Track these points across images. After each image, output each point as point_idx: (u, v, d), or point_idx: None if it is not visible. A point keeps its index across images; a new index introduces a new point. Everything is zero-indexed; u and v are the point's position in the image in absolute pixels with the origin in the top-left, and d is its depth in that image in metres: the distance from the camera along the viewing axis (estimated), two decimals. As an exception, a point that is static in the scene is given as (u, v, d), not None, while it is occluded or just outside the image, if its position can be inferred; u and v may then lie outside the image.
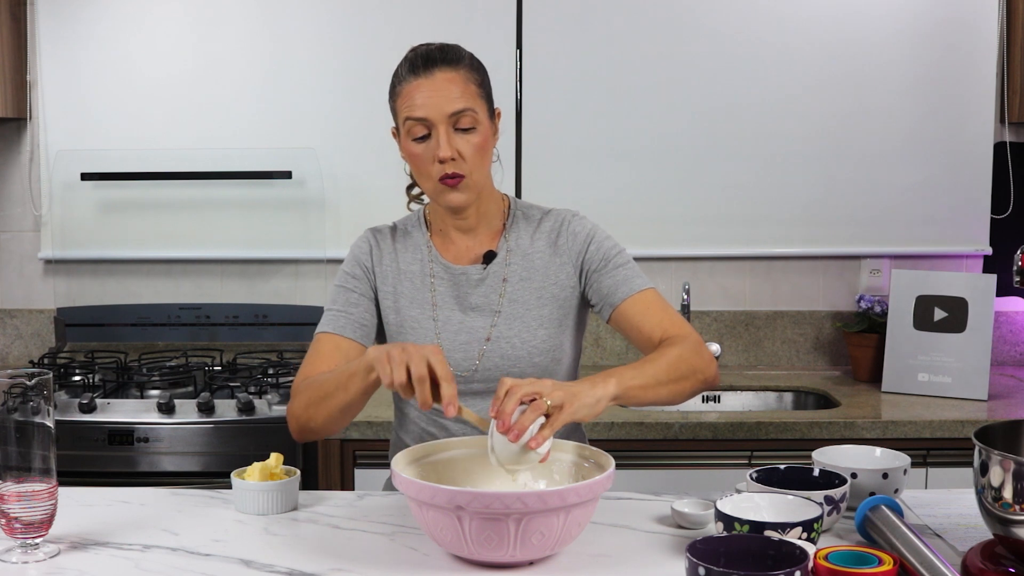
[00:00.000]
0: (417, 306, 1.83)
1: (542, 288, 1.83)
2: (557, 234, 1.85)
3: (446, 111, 1.70)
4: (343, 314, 1.82)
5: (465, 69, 1.74)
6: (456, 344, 1.81)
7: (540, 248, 1.85)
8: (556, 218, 1.87)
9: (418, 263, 1.86)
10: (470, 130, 1.72)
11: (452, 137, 1.71)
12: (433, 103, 1.71)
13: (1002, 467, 1.31)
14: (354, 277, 1.85)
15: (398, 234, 1.90)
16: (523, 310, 1.81)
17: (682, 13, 3.05)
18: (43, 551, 1.47)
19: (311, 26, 3.07)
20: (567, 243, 1.84)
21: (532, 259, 1.84)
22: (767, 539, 1.26)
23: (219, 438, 2.52)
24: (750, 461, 2.53)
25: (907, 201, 3.09)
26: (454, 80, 1.72)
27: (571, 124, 3.08)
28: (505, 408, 1.43)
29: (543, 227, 1.86)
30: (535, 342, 1.80)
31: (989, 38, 3.04)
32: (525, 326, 1.81)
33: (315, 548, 1.50)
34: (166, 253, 3.13)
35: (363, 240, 1.90)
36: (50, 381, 1.46)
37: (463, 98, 1.71)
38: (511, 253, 1.85)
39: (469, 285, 1.83)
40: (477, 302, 1.82)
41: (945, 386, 2.79)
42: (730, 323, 3.15)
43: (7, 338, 3.19)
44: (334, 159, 3.08)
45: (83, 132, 3.10)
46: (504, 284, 1.83)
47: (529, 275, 1.83)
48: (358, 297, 1.84)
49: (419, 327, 1.82)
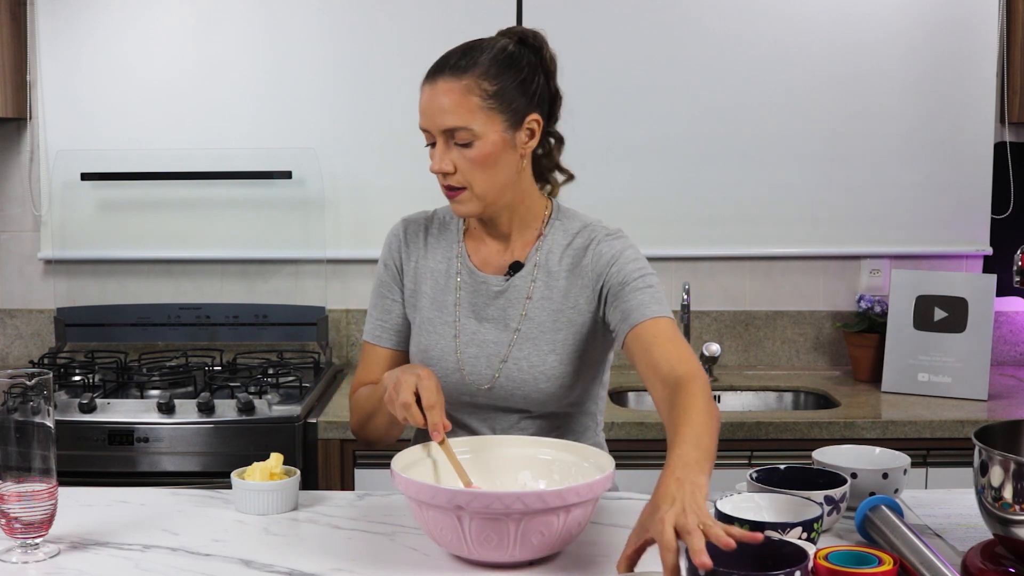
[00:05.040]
0: (437, 308, 1.78)
1: (559, 312, 1.72)
2: (583, 254, 1.73)
3: (439, 126, 1.64)
4: (380, 323, 1.84)
5: (473, 78, 1.63)
6: (468, 355, 1.75)
7: (565, 267, 1.74)
8: (589, 235, 1.74)
9: (445, 262, 1.80)
10: (467, 145, 1.64)
11: (449, 150, 1.65)
12: (429, 115, 1.65)
13: (1002, 467, 1.31)
14: (385, 283, 1.84)
15: (434, 226, 1.83)
16: (538, 332, 1.72)
17: (682, 13, 3.05)
18: (43, 551, 1.47)
19: (311, 26, 3.07)
20: (590, 264, 1.72)
21: (557, 278, 1.74)
22: (767, 539, 1.26)
23: (219, 438, 2.52)
24: (750, 461, 2.53)
25: (907, 201, 3.09)
26: (450, 92, 1.63)
27: (571, 124, 3.06)
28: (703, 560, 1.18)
29: (575, 243, 1.75)
30: (543, 367, 1.71)
31: (989, 38, 3.04)
32: (537, 349, 1.72)
33: (315, 548, 1.50)
34: (166, 253, 3.13)
35: (393, 234, 1.85)
36: (50, 381, 1.46)
37: (455, 113, 1.62)
38: (538, 268, 1.75)
39: (488, 295, 1.75)
40: (493, 315, 1.75)
41: (945, 386, 2.79)
42: (730, 323, 3.15)
43: (7, 338, 3.19)
44: (334, 159, 3.08)
45: (83, 132, 3.10)
46: (528, 302, 1.74)
47: (551, 294, 1.73)
48: (391, 303, 1.83)
49: (435, 331, 1.77)
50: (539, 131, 1.73)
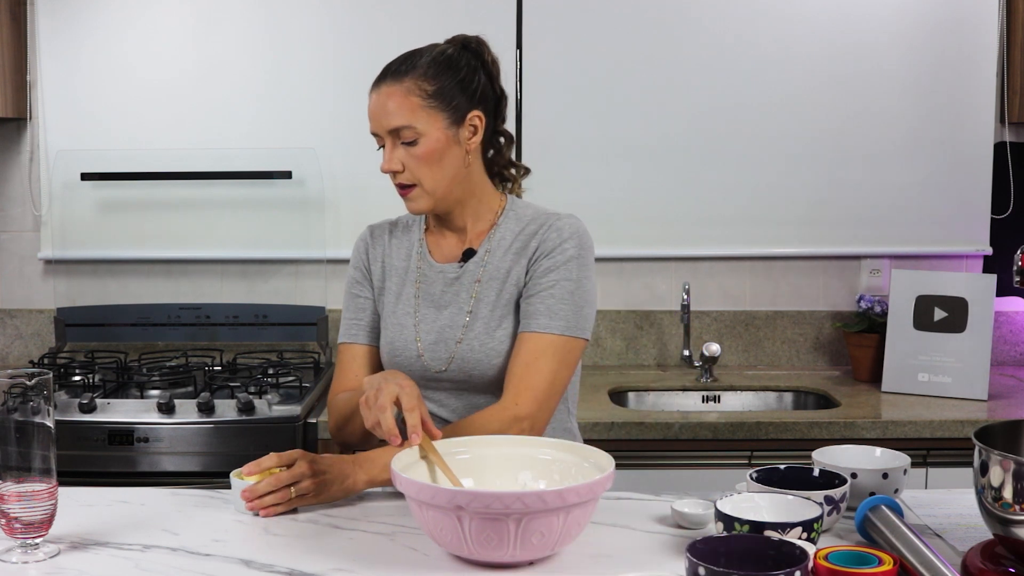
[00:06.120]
0: (402, 302, 1.87)
1: (502, 289, 1.82)
2: (532, 238, 1.81)
3: (384, 126, 1.76)
4: (355, 322, 1.91)
5: (412, 80, 1.75)
6: (429, 342, 1.83)
7: (514, 249, 1.83)
8: (542, 222, 1.82)
9: (406, 260, 1.90)
10: (412, 143, 1.74)
11: (396, 150, 1.76)
12: (375, 118, 1.78)
13: (1002, 467, 1.31)
14: (357, 282, 1.93)
15: (397, 229, 1.94)
16: (487, 311, 1.81)
17: (682, 13, 3.05)
18: (43, 551, 1.47)
19: (311, 26, 3.07)
20: (535, 244, 1.80)
21: (507, 261, 1.82)
22: (767, 539, 1.26)
23: (219, 438, 2.52)
24: (750, 461, 2.53)
25: (907, 201, 3.09)
26: (392, 95, 1.75)
27: (571, 124, 3.08)
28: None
29: (527, 229, 1.83)
30: (493, 343, 1.79)
31: (989, 38, 3.04)
32: (486, 327, 1.80)
33: (315, 548, 1.50)
34: (166, 253, 3.13)
35: (360, 239, 1.96)
36: (50, 381, 1.46)
37: (398, 114, 1.74)
38: (490, 253, 1.84)
39: (444, 283, 1.85)
40: (448, 300, 1.84)
41: (945, 386, 2.79)
42: (730, 323, 3.15)
43: (7, 338, 3.19)
44: (334, 159, 3.08)
45: (83, 132, 3.10)
46: (477, 285, 1.83)
47: (501, 277, 1.82)
48: (364, 301, 1.92)
49: (398, 323, 1.86)
50: (482, 127, 1.81)
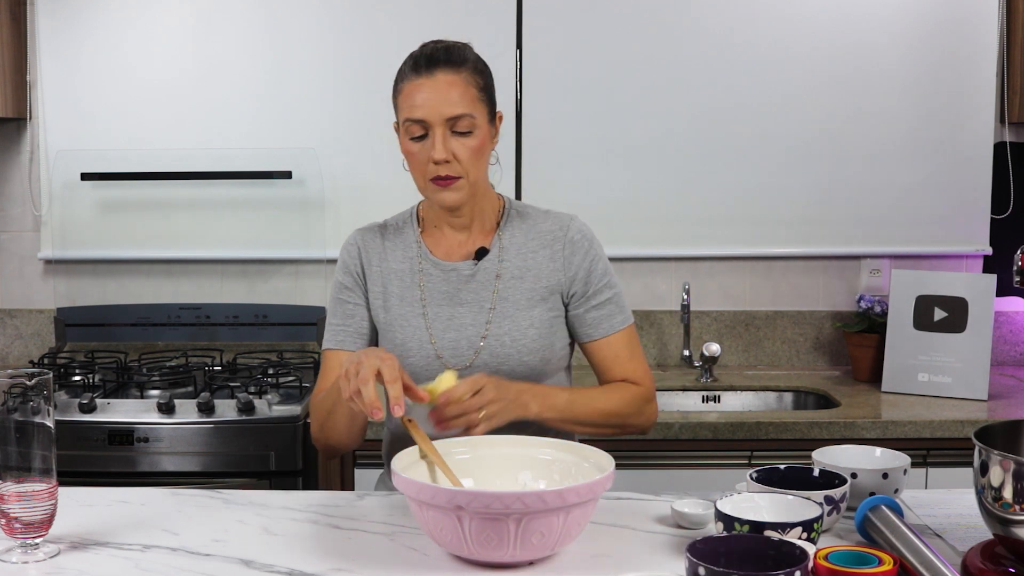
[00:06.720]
0: (407, 304, 1.85)
1: (533, 289, 1.84)
2: (554, 238, 1.85)
3: (444, 114, 1.72)
4: (342, 327, 1.87)
5: (468, 72, 1.74)
6: (447, 339, 1.82)
7: (535, 249, 1.86)
8: (555, 222, 1.87)
9: (407, 261, 1.88)
10: (467, 134, 1.73)
11: (448, 139, 1.73)
12: (431, 105, 1.72)
13: (1002, 467, 1.31)
14: (347, 287, 1.89)
15: (389, 232, 1.92)
16: (514, 309, 1.83)
17: (682, 13, 3.05)
18: (43, 551, 1.47)
19: (311, 26, 3.07)
20: (565, 251, 1.85)
21: (526, 258, 1.85)
22: (767, 539, 1.26)
23: (219, 438, 2.52)
24: (750, 461, 2.53)
25: (907, 201, 3.09)
26: (454, 83, 1.72)
27: (571, 124, 3.08)
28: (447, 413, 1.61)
29: (540, 228, 1.87)
30: (525, 341, 1.82)
31: (989, 38, 3.04)
32: (516, 325, 1.82)
33: (315, 548, 1.50)
34: (166, 253, 3.13)
35: (351, 243, 1.91)
36: (50, 381, 1.46)
37: (462, 102, 1.72)
38: (504, 250, 1.86)
39: (460, 281, 1.84)
40: (468, 297, 1.84)
41: (945, 386, 2.79)
42: (730, 323, 3.15)
43: (7, 338, 3.19)
44: (334, 159, 3.08)
45: (83, 132, 3.10)
46: (497, 280, 1.84)
47: (522, 274, 1.84)
48: (353, 307, 1.88)
49: (408, 324, 1.84)
50: (500, 126, 1.84)
